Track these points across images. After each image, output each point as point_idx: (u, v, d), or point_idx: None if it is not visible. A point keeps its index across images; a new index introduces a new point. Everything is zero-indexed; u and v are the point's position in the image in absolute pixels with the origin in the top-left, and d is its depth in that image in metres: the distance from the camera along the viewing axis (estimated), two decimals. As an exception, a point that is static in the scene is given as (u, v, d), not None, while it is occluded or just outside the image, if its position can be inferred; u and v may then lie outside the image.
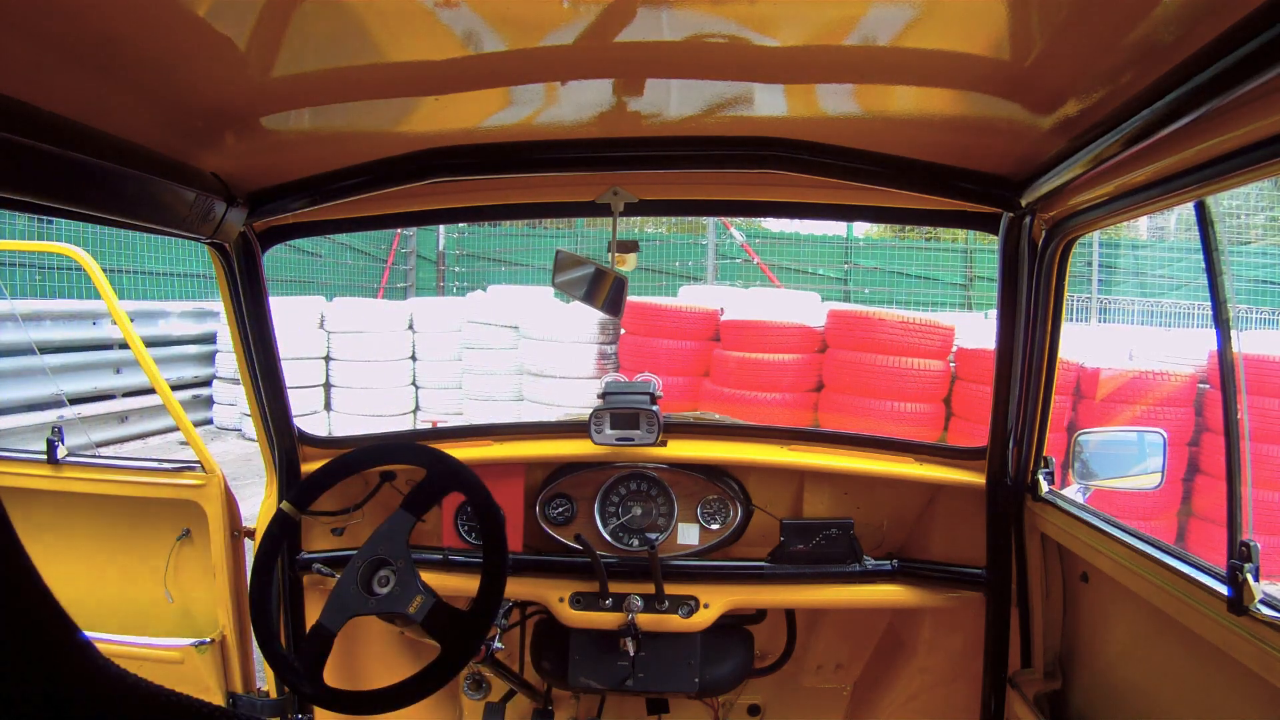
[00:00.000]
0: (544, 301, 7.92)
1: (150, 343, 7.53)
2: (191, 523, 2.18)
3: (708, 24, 1.04)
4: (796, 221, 10.10)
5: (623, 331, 6.92)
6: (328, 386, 7.97)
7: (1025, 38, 1.03)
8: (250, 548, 1.96)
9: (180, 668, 2.11)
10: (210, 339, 8.03)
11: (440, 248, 11.65)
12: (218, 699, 2.15)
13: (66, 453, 2.17)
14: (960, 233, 10.52)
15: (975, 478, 1.94)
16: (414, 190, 1.67)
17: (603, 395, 2.08)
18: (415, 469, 1.85)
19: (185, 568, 2.23)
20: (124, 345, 6.89)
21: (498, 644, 1.93)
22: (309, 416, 7.64)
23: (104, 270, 2.22)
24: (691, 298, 7.72)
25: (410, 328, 8.02)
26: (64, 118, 1.13)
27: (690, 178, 1.79)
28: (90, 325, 6.76)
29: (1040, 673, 1.83)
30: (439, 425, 5.84)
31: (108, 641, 2.11)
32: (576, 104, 1.38)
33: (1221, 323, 1.30)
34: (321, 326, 7.94)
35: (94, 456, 2.28)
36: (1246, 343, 5.80)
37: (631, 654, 1.95)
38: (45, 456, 2.14)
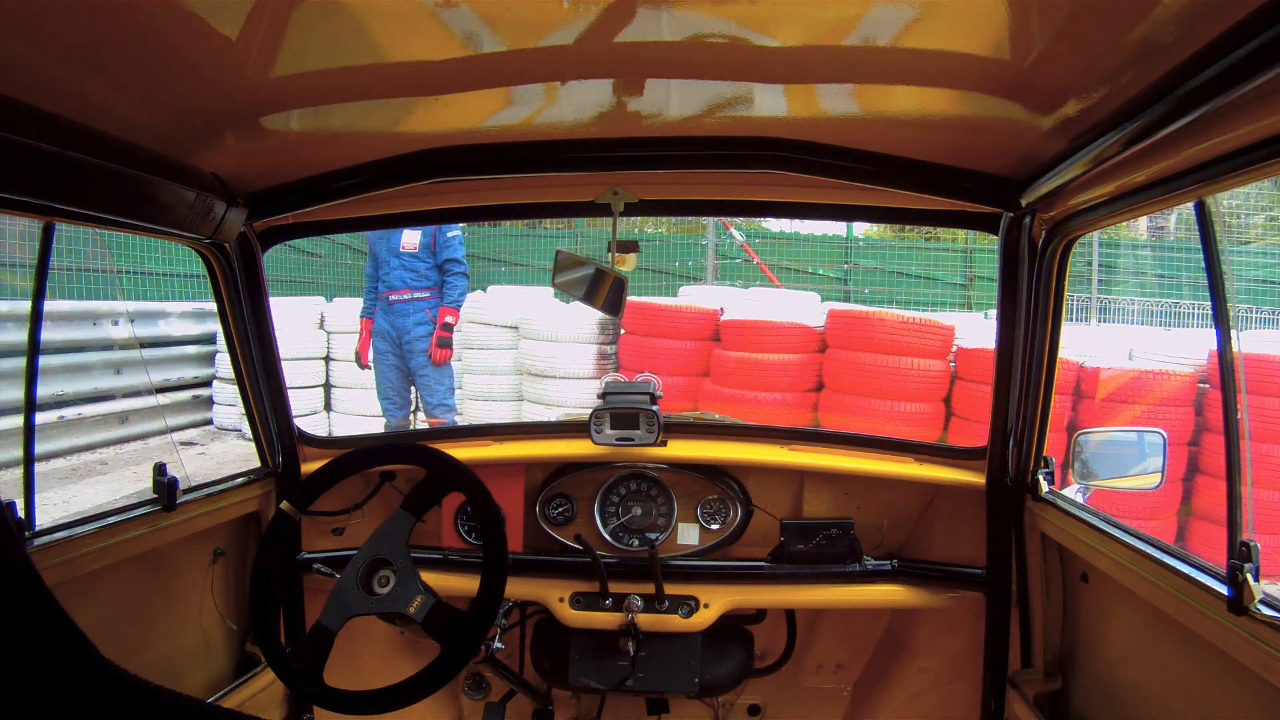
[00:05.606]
0: (544, 301, 7.91)
1: (150, 343, 7.50)
2: (220, 541, 1.97)
3: (708, 24, 1.04)
4: (796, 221, 10.09)
5: (623, 331, 6.91)
6: (328, 386, 7.95)
7: (1025, 38, 1.03)
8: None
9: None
10: (210, 339, 8.00)
11: (440, 248, 11.63)
12: None
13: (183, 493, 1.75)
14: (960, 233, 10.51)
15: (975, 478, 1.93)
16: (414, 190, 1.67)
17: (603, 395, 2.08)
18: (415, 469, 1.85)
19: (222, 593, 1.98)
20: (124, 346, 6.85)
21: (498, 644, 1.93)
22: (309, 416, 7.62)
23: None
24: (691, 298, 7.71)
25: (410, 327, 8.01)
26: (64, 118, 1.13)
27: (690, 178, 1.79)
28: (90, 325, 6.74)
29: (1040, 673, 1.83)
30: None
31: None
32: (576, 104, 1.38)
33: (1221, 323, 1.30)
34: (321, 326, 7.92)
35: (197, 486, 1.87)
36: (1246, 342, 5.79)
37: (631, 654, 1.95)
38: (162, 504, 1.69)
